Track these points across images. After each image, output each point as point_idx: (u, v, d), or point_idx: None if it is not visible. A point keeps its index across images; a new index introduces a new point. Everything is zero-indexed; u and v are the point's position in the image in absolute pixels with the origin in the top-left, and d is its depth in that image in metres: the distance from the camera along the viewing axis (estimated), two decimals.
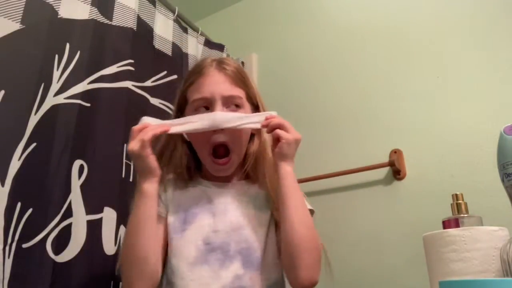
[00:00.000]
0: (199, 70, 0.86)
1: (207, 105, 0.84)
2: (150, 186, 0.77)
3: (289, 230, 0.76)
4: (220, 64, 0.87)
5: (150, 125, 0.79)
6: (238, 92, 0.85)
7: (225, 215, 0.83)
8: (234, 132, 0.83)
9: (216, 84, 0.83)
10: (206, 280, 0.77)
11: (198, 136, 0.84)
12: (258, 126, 0.82)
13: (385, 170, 1.33)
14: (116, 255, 0.99)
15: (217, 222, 0.82)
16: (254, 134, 0.89)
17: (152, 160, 0.77)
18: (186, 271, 0.78)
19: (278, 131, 0.79)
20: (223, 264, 0.79)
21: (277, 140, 0.79)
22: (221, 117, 0.80)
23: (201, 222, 0.82)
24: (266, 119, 0.81)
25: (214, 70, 0.85)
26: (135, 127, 0.78)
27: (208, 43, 1.67)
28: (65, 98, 1.01)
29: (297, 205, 0.78)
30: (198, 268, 0.78)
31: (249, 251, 0.81)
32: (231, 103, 0.84)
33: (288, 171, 0.79)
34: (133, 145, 0.76)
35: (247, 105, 0.87)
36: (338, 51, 1.55)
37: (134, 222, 0.77)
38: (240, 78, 0.87)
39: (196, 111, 0.85)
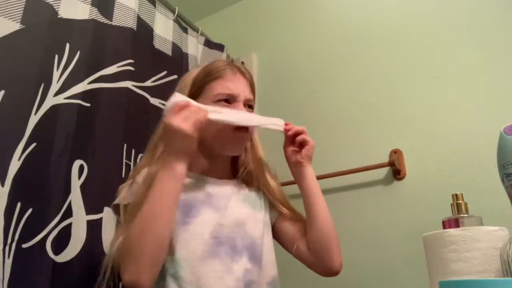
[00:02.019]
0: (223, 68, 0.89)
1: (229, 101, 0.86)
2: (183, 169, 0.74)
3: (323, 221, 0.85)
4: (239, 68, 0.91)
5: (192, 104, 0.76)
6: (253, 97, 0.92)
7: (227, 211, 0.84)
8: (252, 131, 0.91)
9: (242, 85, 0.89)
10: (219, 273, 0.77)
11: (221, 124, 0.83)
12: (280, 128, 0.89)
13: (385, 170, 1.33)
14: None
15: (221, 216, 0.82)
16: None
17: (196, 143, 0.75)
18: (197, 265, 0.77)
19: (304, 136, 0.88)
20: (233, 258, 0.80)
21: (300, 144, 0.88)
22: (249, 115, 0.86)
23: (205, 215, 0.82)
24: (286, 124, 0.89)
25: (237, 72, 0.90)
26: (180, 103, 0.74)
27: (208, 43, 1.67)
28: (65, 98, 1.01)
29: (323, 199, 0.88)
30: (209, 262, 0.78)
31: (254, 247, 0.83)
32: (247, 105, 0.89)
33: (312, 172, 0.90)
34: (182, 122, 0.72)
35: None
36: (338, 51, 1.55)
37: (160, 203, 0.72)
38: (253, 86, 0.93)
39: (215, 103, 0.85)
